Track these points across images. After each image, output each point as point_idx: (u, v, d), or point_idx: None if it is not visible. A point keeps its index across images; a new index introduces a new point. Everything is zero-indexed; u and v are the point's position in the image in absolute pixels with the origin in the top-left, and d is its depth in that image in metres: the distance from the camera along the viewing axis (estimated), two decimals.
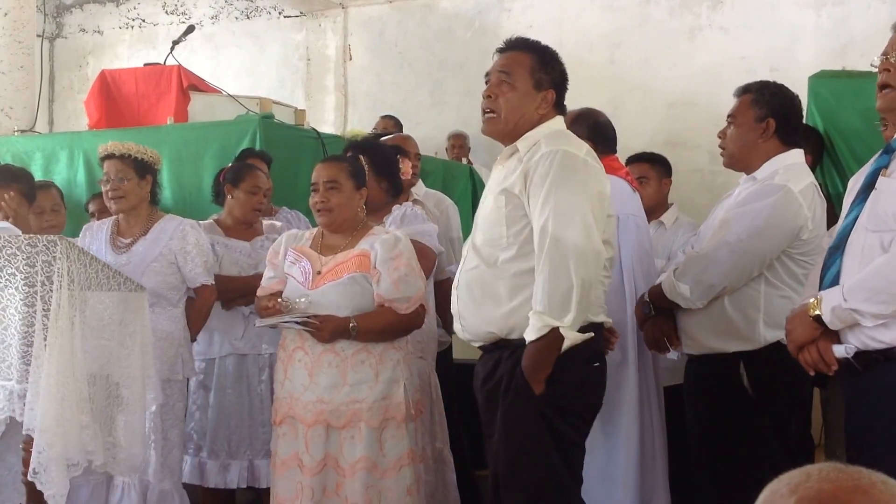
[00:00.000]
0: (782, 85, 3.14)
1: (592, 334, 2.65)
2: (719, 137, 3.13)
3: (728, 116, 3.09)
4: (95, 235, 3.89)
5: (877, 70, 2.49)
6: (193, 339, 3.90)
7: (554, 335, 2.57)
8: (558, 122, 2.83)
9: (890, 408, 2.27)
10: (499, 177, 2.81)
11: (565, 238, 2.57)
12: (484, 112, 2.81)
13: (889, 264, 2.24)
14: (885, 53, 2.47)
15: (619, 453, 3.31)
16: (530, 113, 2.76)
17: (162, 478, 3.68)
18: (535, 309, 2.59)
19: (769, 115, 3.00)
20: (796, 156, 3.05)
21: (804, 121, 3.49)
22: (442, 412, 3.82)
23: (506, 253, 2.70)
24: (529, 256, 2.66)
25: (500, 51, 2.84)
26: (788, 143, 3.04)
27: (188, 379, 3.89)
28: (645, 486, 3.33)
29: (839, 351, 2.35)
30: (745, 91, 3.08)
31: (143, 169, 3.80)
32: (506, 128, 2.78)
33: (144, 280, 3.67)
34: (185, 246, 3.78)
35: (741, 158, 3.07)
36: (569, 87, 2.88)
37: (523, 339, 2.64)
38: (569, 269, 2.55)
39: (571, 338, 2.58)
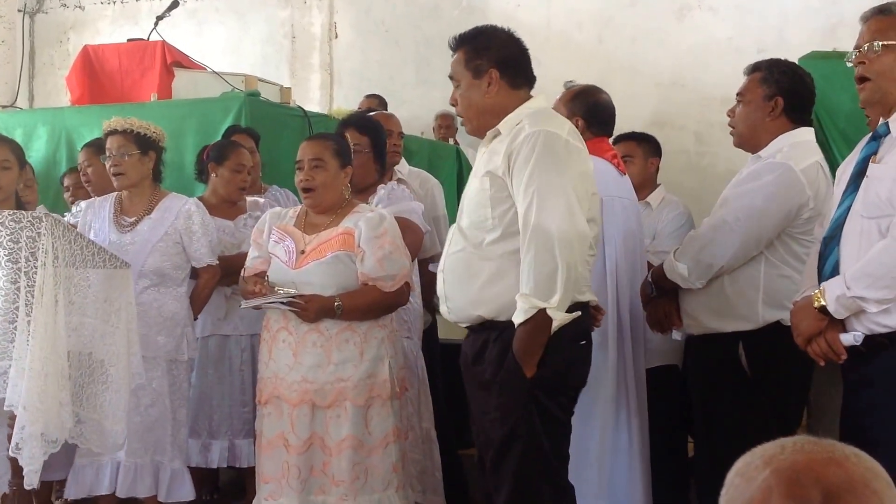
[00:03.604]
0: (793, 63, 3.11)
1: (580, 313, 2.65)
2: (728, 116, 3.10)
3: (737, 95, 3.07)
4: (97, 213, 3.82)
5: (853, 65, 2.47)
6: (195, 318, 3.87)
7: (542, 317, 2.56)
8: (539, 101, 2.82)
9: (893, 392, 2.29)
10: (484, 159, 2.80)
11: (549, 221, 2.56)
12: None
13: (889, 249, 2.25)
14: (857, 47, 2.45)
15: (594, 434, 3.25)
16: (481, 100, 2.77)
17: (173, 457, 3.68)
18: (522, 291, 2.58)
19: (777, 94, 2.97)
20: (804, 134, 3.03)
21: None
22: (428, 393, 3.81)
23: (491, 234, 2.69)
24: (514, 238, 2.65)
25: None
26: (797, 121, 3.02)
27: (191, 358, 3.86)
28: (617, 467, 3.27)
29: (847, 339, 2.36)
30: (755, 69, 3.05)
31: (146, 145, 3.74)
32: (471, 125, 2.85)
33: (150, 259, 3.64)
34: (190, 226, 3.74)
35: (750, 137, 3.04)
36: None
37: (511, 321, 2.62)
38: (553, 251, 2.55)
39: (559, 318, 2.57)
